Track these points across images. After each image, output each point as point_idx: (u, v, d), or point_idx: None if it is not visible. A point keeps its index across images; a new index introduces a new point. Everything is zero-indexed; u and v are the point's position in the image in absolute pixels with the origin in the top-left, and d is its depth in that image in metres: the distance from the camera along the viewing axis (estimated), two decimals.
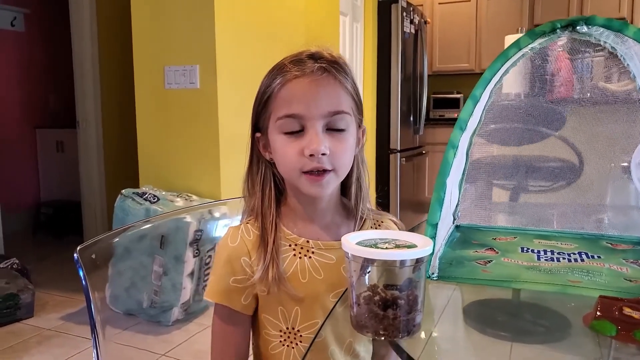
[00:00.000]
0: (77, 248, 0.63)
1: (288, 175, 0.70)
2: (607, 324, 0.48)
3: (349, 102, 0.69)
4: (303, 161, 0.66)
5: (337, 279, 0.70)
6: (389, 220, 0.80)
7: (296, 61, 0.68)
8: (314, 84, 0.66)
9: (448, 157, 0.63)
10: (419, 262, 0.47)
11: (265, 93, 0.69)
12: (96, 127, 3.24)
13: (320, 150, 0.65)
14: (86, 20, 3.11)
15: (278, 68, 0.69)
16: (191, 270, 2.12)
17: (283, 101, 0.67)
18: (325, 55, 0.69)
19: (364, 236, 0.50)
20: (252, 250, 0.71)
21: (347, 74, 0.70)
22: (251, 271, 0.70)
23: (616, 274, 0.62)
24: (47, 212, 3.73)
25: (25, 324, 2.18)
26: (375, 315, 0.47)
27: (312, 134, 0.66)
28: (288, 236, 0.72)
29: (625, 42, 0.64)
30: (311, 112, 0.66)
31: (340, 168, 0.69)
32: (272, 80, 0.69)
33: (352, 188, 0.75)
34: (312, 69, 0.67)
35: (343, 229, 0.74)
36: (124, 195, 2.23)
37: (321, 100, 0.66)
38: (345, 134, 0.68)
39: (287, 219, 0.74)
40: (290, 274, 0.70)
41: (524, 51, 0.67)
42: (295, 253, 0.72)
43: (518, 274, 0.62)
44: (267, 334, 0.74)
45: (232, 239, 0.73)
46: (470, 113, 0.63)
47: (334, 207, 0.75)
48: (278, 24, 2.68)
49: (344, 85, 0.69)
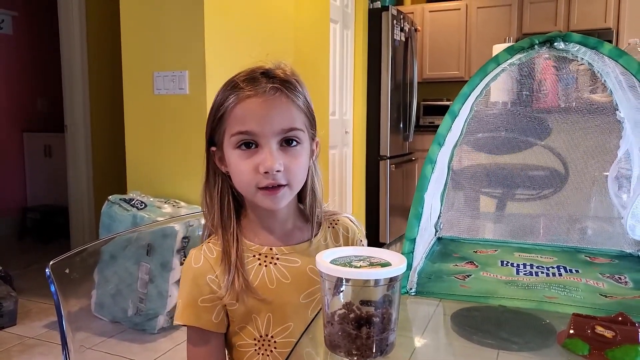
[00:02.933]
0: (50, 263, 0.62)
1: (244, 190, 0.72)
2: (580, 343, 0.48)
3: (302, 118, 0.71)
4: (258, 178, 0.68)
5: (305, 280, 0.72)
6: (345, 217, 0.83)
7: (250, 79, 0.69)
8: (267, 103, 0.68)
9: (426, 172, 0.63)
10: (393, 280, 0.47)
11: (219, 110, 0.71)
12: (84, 132, 3.21)
13: (275, 168, 0.66)
14: (75, 23, 3.09)
15: (232, 86, 0.70)
16: (178, 277, 2.10)
17: (237, 119, 0.68)
18: (278, 73, 0.71)
19: (338, 253, 0.50)
20: (215, 265, 0.72)
21: (299, 91, 0.71)
22: (217, 287, 0.71)
23: (592, 290, 0.62)
24: (33, 217, 3.69)
25: (8, 332, 2.15)
26: (348, 334, 0.46)
27: (266, 152, 0.67)
28: (251, 247, 0.74)
29: (601, 58, 0.65)
30: (264, 130, 0.67)
31: (295, 183, 0.71)
32: (225, 99, 0.70)
33: (307, 197, 0.77)
34: (265, 88, 0.68)
35: (304, 232, 0.77)
36: (110, 202, 2.21)
37: (274, 118, 0.68)
38: (299, 149, 0.70)
39: (247, 230, 0.75)
40: (258, 283, 0.71)
41: (502, 66, 0.67)
42: (260, 262, 0.73)
43: (496, 290, 0.62)
44: (241, 346, 0.74)
45: (195, 260, 0.73)
46: (448, 128, 0.63)
47: (293, 214, 0.77)
48: (268, 31, 2.68)
49: (296, 103, 0.70)
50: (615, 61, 0.61)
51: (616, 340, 0.46)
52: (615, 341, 0.46)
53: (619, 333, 0.46)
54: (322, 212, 0.79)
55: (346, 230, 0.81)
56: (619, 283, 0.65)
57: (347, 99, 3.45)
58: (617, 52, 0.61)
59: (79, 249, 0.70)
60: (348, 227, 0.82)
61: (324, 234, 0.78)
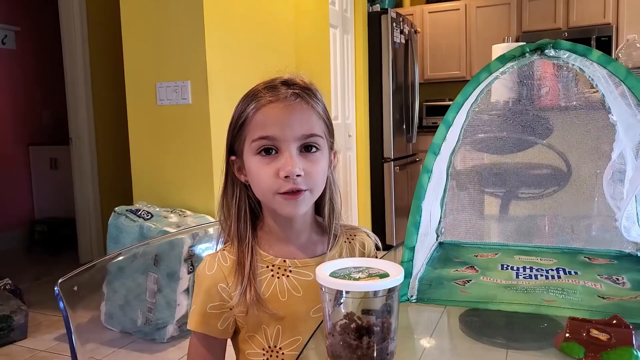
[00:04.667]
0: (59, 281, 0.63)
1: (263, 196, 0.72)
2: (576, 346, 0.49)
3: (321, 125, 0.72)
4: (278, 183, 0.68)
5: (316, 295, 0.71)
6: (363, 233, 0.83)
7: (270, 87, 0.71)
8: (288, 108, 0.69)
9: (422, 182, 0.64)
10: (392, 290, 0.48)
11: (240, 118, 0.72)
12: (89, 144, 3.25)
13: (295, 172, 0.67)
14: (77, 36, 3.13)
15: (252, 94, 0.72)
16: (186, 286, 2.12)
17: (258, 124, 0.69)
18: (297, 81, 0.72)
19: (338, 265, 0.51)
20: (228, 276, 0.73)
21: (319, 99, 0.73)
22: (228, 296, 0.72)
23: (590, 292, 0.63)
24: (41, 230, 3.73)
25: (19, 345, 2.17)
26: (349, 345, 0.48)
27: (286, 156, 0.68)
28: (265, 258, 0.74)
29: (592, 64, 0.66)
30: (285, 135, 0.68)
31: (315, 188, 0.71)
32: (246, 106, 0.71)
33: (326, 208, 0.77)
34: (286, 94, 0.69)
35: (319, 246, 0.77)
36: (117, 213, 2.23)
37: (295, 123, 0.69)
38: (319, 155, 0.71)
39: (263, 242, 0.76)
40: (269, 294, 0.72)
41: (495, 75, 0.68)
42: (272, 274, 0.73)
43: (495, 295, 0.64)
44: (249, 354, 0.75)
45: (209, 267, 0.74)
46: (443, 138, 0.64)
47: (310, 226, 0.77)
48: (268, 39, 2.71)
49: (316, 110, 0.72)
50: (604, 67, 0.62)
51: (611, 343, 0.47)
52: (610, 344, 0.47)
53: (613, 336, 0.48)
54: (340, 225, 0.79)
55: (362, 246, 0.82)
56: (616, 284, 0.66)
57: (349, 102, 3.47)
58: (605, 59, 0.62)
59: (86, 265, 0.72)
60: (365, 243, 0.82)
61: (339, 248, 0.78)
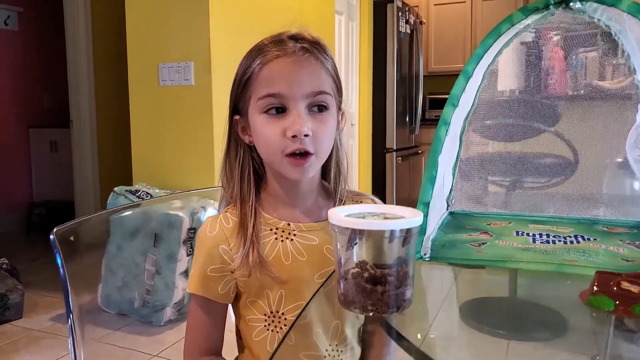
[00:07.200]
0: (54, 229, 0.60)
1: (269, 157, 0.69)
2: (605, 299, 0.46)
3: (330, 82, 0.69)
4: (285, 143, 0.65)
5: (321, 260, 0.69)
6: (369, 199, 0.80)
7: (277, 41, 0.67)
8: (296, 64, 0.65)
9: (440, 134, 0.61)
10: (409, 234, 0.45)
11: (245, 74, 0.68)
12: (90, 126, 3.21)
13: (303, 132, 0.63)
14: (80, 18, 3.09)
15: (258, 49, 0.68)
16: (185, 269, 2.09)
17: (264, 81, 0.66)
18: (306, 36, 0.69)
19: (351, 210, 0.48)
20: (230, 237, 0.70)
21: (328, 55, 0.69)
22: (230, 259, 0.69)
23: (613, 254, 0.60)
24: (39, 213, 3.70)
25: (15, 324, 2.15)
26: (363, 289, 0.45)
27: (294, 115, 0.64)
28: (268, 221, 0.71)
29: (619, 17, 0.62)
30: (293, 92, 0.65)
31: (322, 151, 0.68)
32: (251, 61, 0.67)
33: (332, 171, 0.74)
34: (294, 49, 0.66)
35: (324, 211, 0.73)
36: (116, 193, 2.20)
37: (303, 80, 0.65)
38: (327, 114, 0.68)
39: (267, 204, 0.73)
40: (273, 257, 0.69)
41: (517, 28, 0.65)
42: (276, 237, 0.71)
43: (512, 255, 0.61)
44: (250, 320, 0.72)
45: (210, 228, 0.71)
46: (462, 89, 0.61)
47: (316, 190, 0.74)
48: (273, 22, 2.66)
49: (325, 66, 0.68)
50: (635, 17, 0.59)
51: None
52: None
53: None
54: (347, 190, 0.76)
55: None
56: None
57: (352, 91, 3.43)
58: (637, 7, 0.59)
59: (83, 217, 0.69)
60: None
61: None
